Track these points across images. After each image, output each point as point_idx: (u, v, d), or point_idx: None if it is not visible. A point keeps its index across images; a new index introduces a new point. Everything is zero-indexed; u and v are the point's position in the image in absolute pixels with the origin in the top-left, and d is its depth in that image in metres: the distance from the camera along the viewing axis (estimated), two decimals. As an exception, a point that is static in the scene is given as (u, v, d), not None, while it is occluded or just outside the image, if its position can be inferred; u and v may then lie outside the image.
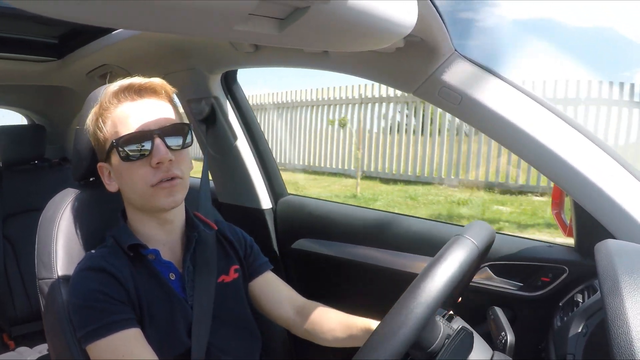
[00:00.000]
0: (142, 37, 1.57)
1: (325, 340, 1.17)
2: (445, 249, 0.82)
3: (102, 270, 0.99)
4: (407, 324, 0.74)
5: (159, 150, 0.99)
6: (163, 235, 1.10)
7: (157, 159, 0.99)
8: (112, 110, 1.03)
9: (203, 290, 1.09)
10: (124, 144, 1.00)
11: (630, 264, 0.74)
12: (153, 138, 0.99)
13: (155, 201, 1.02)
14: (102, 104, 1.04)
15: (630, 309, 0.64)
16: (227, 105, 1.81)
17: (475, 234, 0.86)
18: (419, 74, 1.16)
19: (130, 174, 1.01)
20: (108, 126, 1.03)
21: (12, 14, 1.50)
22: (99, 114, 1.05)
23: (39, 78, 2.16)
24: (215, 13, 0.69)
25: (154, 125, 1.01)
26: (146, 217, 1.08)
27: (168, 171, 1.00)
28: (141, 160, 1.00)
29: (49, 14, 0.62)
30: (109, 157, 1.04)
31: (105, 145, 1.04)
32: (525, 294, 1.32)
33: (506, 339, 0.92)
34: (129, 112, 1.02)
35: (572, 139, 1.08)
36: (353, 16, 0.73)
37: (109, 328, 0.95)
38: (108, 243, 1.07)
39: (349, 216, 1.75)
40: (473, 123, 1.16)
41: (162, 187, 1.00)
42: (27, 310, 2.30)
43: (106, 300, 0.97)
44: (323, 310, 1.20)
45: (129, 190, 1.05)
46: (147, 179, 1.00)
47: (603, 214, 1.04)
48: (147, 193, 1.01)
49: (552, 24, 6.30)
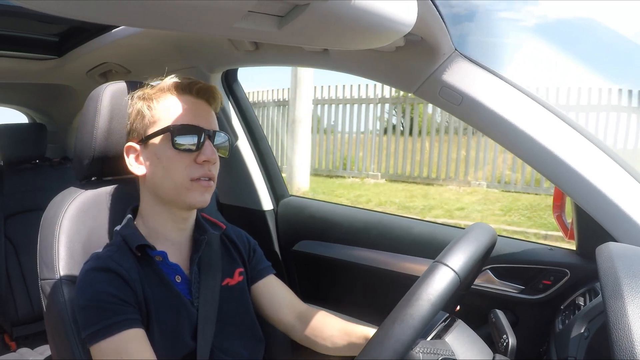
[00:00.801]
0: (142, 36, 1.57)
1: (325, 347, 1.18)
2: (419, 284, 0.79)
3: (110, 271, 0.99)
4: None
5: (208, 149, 1.02)
6: (174, 234, 1.10)
7: (205, 157, 1.02)
8: (170, 96, 1.05)
9: (208, 293, 1.09)
10: (179, 131, 1.01)
11: (631, 266, 0.73)
12: (205, 137, 1.02)
13: (188, 195, 1.03)
14: (160, 87, 1.06)
15: (632, 312, 0.64)
16: (228, 105, 1.81)
17: (456, 260, 0.81)
18: (419, 74, 1.15)
19: (173, 162, 1.02)
20: (162, 108, 1.04)
21: (12, 12, 1.50)
22: (153, 94, 1.06)
23: (38, 76, 2.16)
24: (214, 10, 0.69)
25: (207, 125, 1.04)
26: (164, 212, 1.08)
27: (210, 171, 1.04)
28: (188, 153, 1.02)
29: (49, 11, 0.62)
30: (149, 139, 1.04)
31: (152, 127, 1.04)
32: (526, 297, 1.31)
33: (508, 342, 0.91)
34: (188, 105, 1.04)
35: (573, 140, 1.07)
36: (352, 14, 0.73)
37: (113, 328, 0.94)
38: (116, 242, 1.07)
39: (351, 218, 1.74)
40: (474, 124, 1.15)
41: (201, 184, 1.03)
42: (28, 311, 2.30)
43: (112, 302, 0.96)
44: (324, 317, 1.20)
45: (164, 178, 1.04)
46: (190, 172, 1.02)
47: (604, 216, 1.03)
48: (184, 185, 1.02)
49: (593, 24, 6.23)
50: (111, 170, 1.20)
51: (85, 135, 1.13)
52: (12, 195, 2.35)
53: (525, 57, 4.43)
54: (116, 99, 1.14)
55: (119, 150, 1.14)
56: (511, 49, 4.46)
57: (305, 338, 1.19)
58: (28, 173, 2.44)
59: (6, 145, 2.40)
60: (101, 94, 1.13)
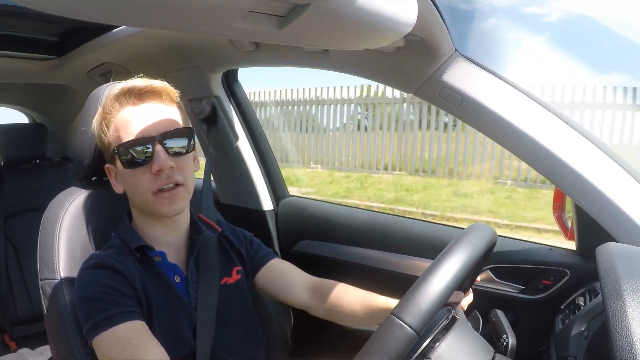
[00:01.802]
0: (142, 36, 1.57)
1: (347, 320, 1.19)
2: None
3: (111, 268, 1.00)
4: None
5: (159, 157, 0.98)
6: (168, 237, 1.10)
7: (157, 167, 0.98)
8: (115, 114, 1.02)
9: (206, 293, 1.10)
10: (124, 150, 1.00)
11: (631, 266, 0.73)
12: (154, 144, 0.99)
13: (156, 209, 1.02)
14: (105, 108, 1.04)
15: (632, 312, 0.64)
16: (228, 105, 1.80)
17: (412, 312, 0.76)
18: (419, 74, 1.15)
19: (132, 180, 1.02)
20: (111, 130, 1.03)
21: (12, 12, 1.50)
22: (102, 118, 1.05)
23: (39, 76, 2.16)
24: (214, 10, 0.69)
25: (155, 130, 1.00)
26: (152, 220, 1.08)
27: (169, 178, 1.00)
28: (142, 167, 1.00)
29: (50, 11, 0.62)
30: (114, 160, 1.04)
31: (110, 149, 1.04)
32: (526, 297, 1.31)
33: (508, 342, 0.91)
34: (130, 117, 1.01)
35: (573, 141, 1.07)
36: (353, 14, 0.73)
37: (115, 319, 0.95)
38: (115, 243, 1.07)
39: (351, 218, 1.74)
40: (474, 124, 1.15)
41: (163, 196, 1.00)
42: (28, 311, 2.30)
43: (113, 294, 0.97)
44: (342, 289, 1.19)
45: (132, 195, 1.05)
46: (148, 186, 1.00)
47: (604, 216, 1.03)
48: (148, 200, 1.01)
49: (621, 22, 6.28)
50: None
51: (85, 135, 1.13)
52: (12, 195, 2.35)
53: (540, 54, 4.49)
54: None
55: None
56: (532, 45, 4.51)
57: (325, 312, 1.19)
58: (28, 173, 2.44)
59: (6, 145, 2.40)
60: (101, 94, 1.13)
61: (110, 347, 0.94)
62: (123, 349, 0.93)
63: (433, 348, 0.84)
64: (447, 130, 7.80)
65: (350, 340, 1.54)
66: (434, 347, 0.84)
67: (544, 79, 6.19)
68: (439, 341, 0.85)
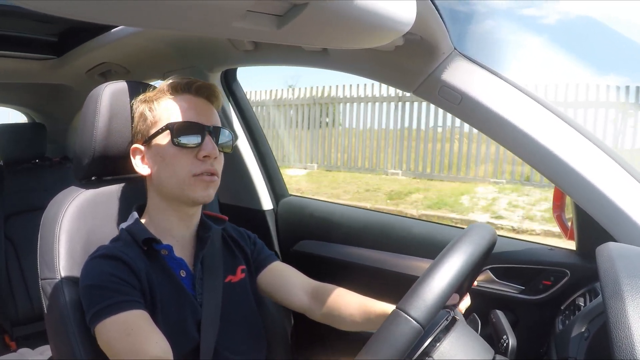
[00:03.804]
0: (141, 36, 1.57)
1: (344, 325, 1.19)
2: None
3: (117, 259, 1.01)
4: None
5: (208, 145, 1.04)
6: (179, 230, 1.12)
7: (205, 152, 1.04)
8: (170, 96, 1.07)
9: (212, 289, 1.11)
10: (178, 128, 1.04)
11: (631, 267, 0.73)
12: (205, 133, 1.04)
13: (191, 191, 1.05)
14: (160, 89, 1.09)
15: (632, 312, 0.63)
16: (228, 105, 1.80)
17: (418, 307, 0.76)
18: (418, 73, 1.15)
19: (175, 160, 1.04)
20: (162, 109, 1.07)
21: (11, 12, 1.50)
22: (154, 96, 1.09)
23: (38, 76, 2.16)
24: (213, 10, 0.69)
25: (207, 121, 1.06)
26: (170, 209, 1.09)
27: (212, 166, 1.05)
28: (190, 149, 1.04)
29: (49, 11, 0.62)
30: (152, 139, 1.07)
31: (153, 127, 1.07)
32: (526, 297, 1.31)
33: (508, 343, 0.91)
34: (187, 103, 1.07)
35: (573, 140, 1.07)
36: (351, 13, 0.73)
37: (119, 306, 0.95)
38: (122, 236, 1.09)
39: (351, 218, 1.74)
40: (473, 123, 1.15)
41: (203, 179, 1.05)
42: (29, 310, 2.29)
43: (118, 282, 0.98)
44: (340, 294, 1.20)
45: (168, 175, 1.06)
46: (192, 168, 1.04)
47: (604, 216, 1.03)
48: (186, 182, 1.04)
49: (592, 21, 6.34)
50: (111, 170, 1.21)
51: (85, 135, 1.13)
52: (12, 195, 2.34)
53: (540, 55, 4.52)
54: (116, 99, 1.14)
55: (118, 150, 1.14)
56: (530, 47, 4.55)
57: (323, 317, 1.20)
58: (28, 173, 2.44)
59: (6, 145, 2.40)
60: (101, 94, 1.13)
61: (111, 334, 0.95)
62: (125, 337, 0.94)
63: (435, 347, 0.84)
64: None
65: (351, 340, 1.53)
66: (436, 345, 0.84)
67: (544, 79, 6.18)
68: (440, 340, 0.85)
